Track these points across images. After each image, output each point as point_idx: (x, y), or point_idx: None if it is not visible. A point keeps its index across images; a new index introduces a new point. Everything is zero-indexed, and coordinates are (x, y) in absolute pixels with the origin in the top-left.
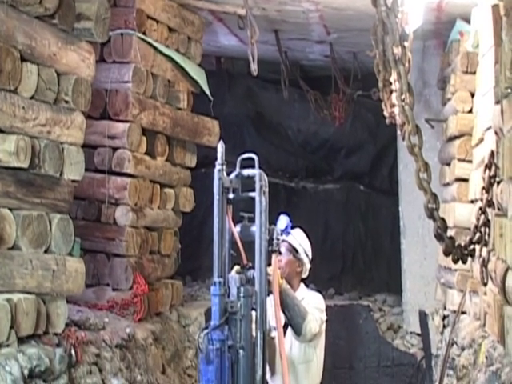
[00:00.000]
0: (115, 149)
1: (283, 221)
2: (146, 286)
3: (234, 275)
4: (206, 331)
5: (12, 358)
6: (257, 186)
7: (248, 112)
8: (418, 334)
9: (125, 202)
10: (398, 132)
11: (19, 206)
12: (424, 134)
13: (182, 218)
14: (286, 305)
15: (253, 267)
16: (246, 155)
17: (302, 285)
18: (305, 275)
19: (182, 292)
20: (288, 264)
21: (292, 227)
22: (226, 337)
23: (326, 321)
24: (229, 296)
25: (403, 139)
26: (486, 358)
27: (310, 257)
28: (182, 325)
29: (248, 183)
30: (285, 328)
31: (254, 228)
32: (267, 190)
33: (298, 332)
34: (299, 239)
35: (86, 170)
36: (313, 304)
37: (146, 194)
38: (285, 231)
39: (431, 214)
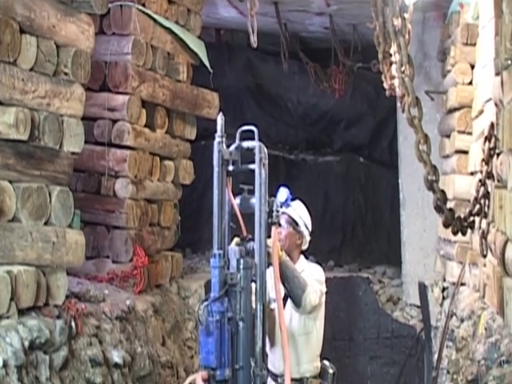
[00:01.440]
0: (115, 121)
1: (283, 193)
2: (145, 258)
3: (233, 247)
4: (205, 303)
5: (12, 329)
6: (256, 158)
7: (248, 84)
8: (417, 306)
9: (124, 174)
10: (398, 104)
11: (19, 178)
12: (424, 106)
13: (182, 190)
14: (285, 277)
15: (252, 239)
16: (245, 127)
17: (302, 257)
18: (304, 247)
19: (182, 264)
20: (288, 236)
21: (292, 199)
22: (225, 308)
23: (326, 292)
24: (228, 268)
25: (403, 111)
26: (486, 329)
27: (310, 229)
28: (182, 297)
29: (248, 155)
30: (284, 300)
31: (254, 200)
32: (267, 162)
33: (297, 304)
34: (299, 211)
35: (86, 142)
36: (312, 276)
37: (145, 166)
38: (285, 203)
39: (431, 185)
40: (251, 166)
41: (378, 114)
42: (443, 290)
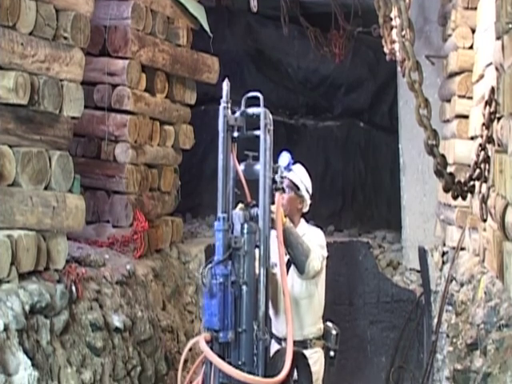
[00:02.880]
0: (115, 86)
1: (285, 158)
2: (146, 222)
3: (237, 212)
4: (209, 265)
5: (13, 293)
6: (262, 124)
7: (248, 49)
8: (417, 271)
9: (124, 139)
10: (398, 68)
11: (19, 142)
12: (424, 71)
13: (182, 155)
14: (289, 243)
15: (256, 205)
16: (251, 94)
17: (303, 220)
18: (305, 210)
19: (182, 229)
20: (289, 201)
21: (293, 163)
22: (229, 272)
23: (327, 257)
24: (232, 232)
25: (403, 76)
26: (485, 293)
27: (311, 192)
28: (182, 261)
29: (253, 122)
30: (288, 266)
31: (258, 166)
32: (272, 128)
33: (300, 270)
34: (300, 176)
35: (86, 107)
36: (314, 240)
37: (145, 131)
38: (286, 168)
39: (431, 150)
40: (256, 132)
41: (378, 79)
42: (443, 254)
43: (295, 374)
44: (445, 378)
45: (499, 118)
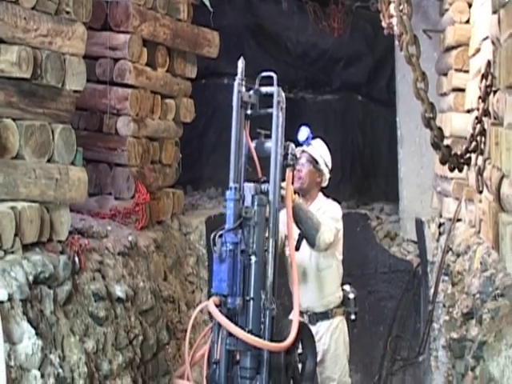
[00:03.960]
0: (116, 60)
1: (304, 132)
2: (147, 194)
3: (248, 184)
4: (220, 232)
5: (17, 264)
6: (275, 101)
7: (248, 24)
8: (414, 242)
9: (126, 112)
10: (396, 43)
11: (22, 116)
12: (421, 45)
13: (183, 128)
14: (299, 219)
15: (267, 181)
16: (264, 73)
17: (321, 194)
18: (324, 184)
19: (183, 201)
20: (308, 174)
21: (312, 138)
22: (239, 240)
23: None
24: (243, 203)
25: (401, 49)
26: (481, 263)
27: (330, 167)
28: (183, 233)
29: (265, 102)
30: (300, 240)
31: (269, 144)
32: (285, 106)
33: (311, 243)
34: (319, 150)
35: (88, 80)
36: (329, 214)
37: (147, 104)
38: (306, 142)
39: (428, 123)
40: (269, 110)
41: (376, 53)
42: (439, 225)
43: (300, 347)
44: (441, 346)
45: (495, 92)
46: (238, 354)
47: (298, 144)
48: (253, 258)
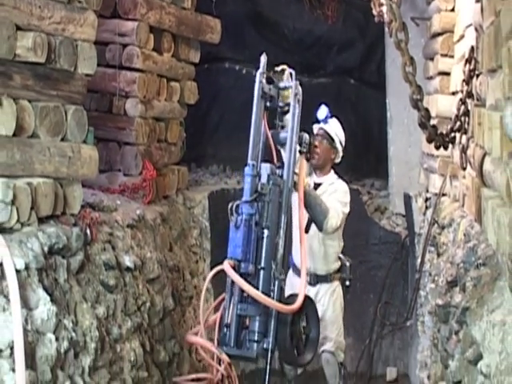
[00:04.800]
0: (125, 45)
1: (323, 110)
2: (154, 171)
3: (265, 164)
4: (237, 203)
5: (33, 236)
6: (292, 93)
7: (247, 12)
8: (402, 215)
9: (134, 94)
10: (386, 29)
11: (37, 97)
12: (410, 31)
13: (187, 109)
14: (308, 204)
15: (282, 167)
16: (281, 67)
17: (332, 171)
18: (337, 161)
19: (187, 177)
20: (324, 151)
21: (330, 117)
22: (254, 212)
23: (349, 213)
24: (259, 180)
25: (390, 36)
26: (464, 235)
27: (344, 145)
28: (188, 207)
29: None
30: (311, 223)
31: (284, 134)
32: (301, 98)
33: (319, 228)
34: (335, 129)
35: (98, 65)
36: (338, 196)
37: (153, 87)
38: (324, 120)
39: (416, 104)
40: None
41: (367, 39)
42: (426, 200)
43: (304, 320)
44: (427, 312)
45: (478, 75)
46: (247, 319)
47: (316, 121)
48: (265, 232)
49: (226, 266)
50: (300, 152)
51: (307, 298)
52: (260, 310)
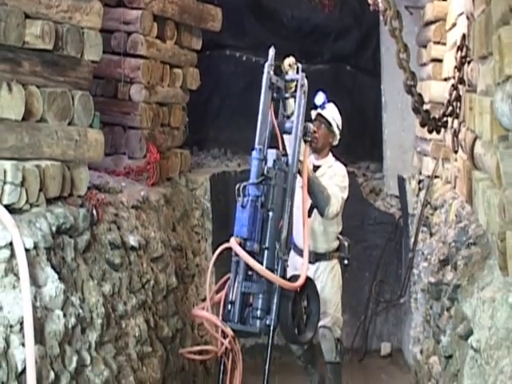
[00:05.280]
0: (129, 33)
1: (320, 97)
2: (157, 154)
3: (272, 150)
4: (244, 184)
5: (41, 216)
6: (299, 84)
7: (247, 0)
8: (396, 196)
9: (138, 80)
10: (381, 18)
11: (45, 83)
12: (404, 20)
13: (189, 94)
14: (312, 191)
15: (287, 155)
16: (288, 59)
17: (331, 154)
18: (335, 143)
19: (190, 160)
20: (323, 136)
21: (327, 102)
22: (260, 194)
23: (347, 199)
24: (266, 164)
25: (385, 24)
26: (456, 216)
27: (341, 128)
28: (190, 189)
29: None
30: (313, 208)
31: (289, 124)
32: (306, 90)
33: (321, 213)
34: (332, 114)
35: (104, 52)
36: (337, 180)
37: (157, 73)
38: (321, 106)
39: (409, 90)
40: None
41: (363, 27)
42: (419, 182)
43: (305, 301)
44: (420, 289)
45: (469, 62)
46: (251, 297)
47: (314, 107)
48: (270, 214)
49: (233, 242)
50: (305, 141)
51: (309, 280)
52: (263, 288)
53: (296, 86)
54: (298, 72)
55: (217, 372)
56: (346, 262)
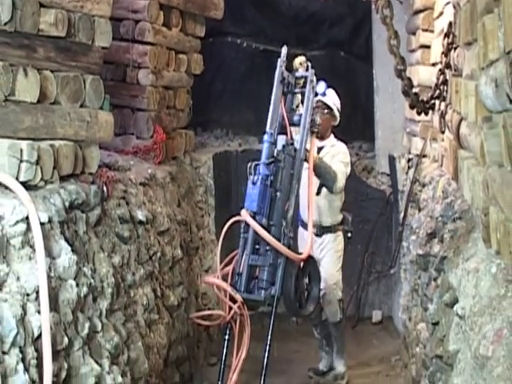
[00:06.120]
0: (137, 21)
1: (322, 85)
2: (164, 135)
3: (281, 136)
4: (255, 163)
5: (55, 192)
6: (308, 79)
7: None
8: (387, 174)
9: (146, 65)
10: (373, 6)
11: (59, 68)
12: (394, 8)
13: (194, 79)
14: (319, 173)
15: (294, 144)
16: (299, 58)
17: (332, 135)
18: (336, 123)
19: (194, 140)
20: (325, 121)
21: (327, 87)
22: (269, 173)
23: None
24: (275, 147)
25: (377, 12)
26: (443, 192)
27: (340, 110)
28: (194, 167)
29: None
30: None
31: (296, 117)
32: (315, 85)
33: (330, 190)
34: (333, 99)
35: (113, 39)
36: (341, 158)
37: (163, 58)
38: (322, 93)
39: (400, 74)
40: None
41: (356, 15)
42: (408, 160)
43: (307, 278)
44: (409, 261)
45: (456, 48)
46: (257, 270)
47: (316, 95)
48: (278, 194)
49: (245, 214)
50: (311, 132)
51: (311, 259)
52: (269, 261)
53: (305, 82)
54: (307, 69)
55: (220, 338)
56: (349, 234)
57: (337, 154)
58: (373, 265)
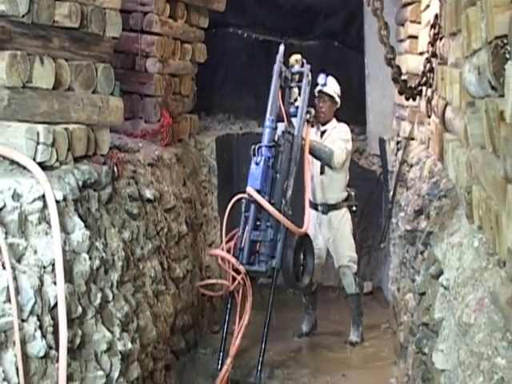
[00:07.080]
0: (145, 13)
1: (322, 77)
2: (170, 119)
3: (281, 123)
4: (258, 145)
5: (69, 172)
6: (305, 74)
7: None
8: (377, 156)
9: (153, 54)
10: None
11: (72, 57)
12: (384, 1)
13: (198, 67)
14: (315, 155)
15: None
16: (295, 55)
17: (334, 118)
18: (337, 107)
19: (198, 124)
20: (327, 109)
21: (327, 75)
22: (271, 155)
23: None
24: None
25: (368, 5)
26: (429, 172)
27: (340, 95)
28: (198, 149)
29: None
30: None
31: (293, 109)
32: (310, 79)
33: (330, 167)
34: (333, 87)
35: (123, 29)
36: (340, 135)
37: (169, 48)
38: (323, 84)
39: (389, 62)
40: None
41: (349, 7)
42: (397, 143)
43: (302, 255)
44: (398, 236)
45: (441, 38)
46: (258, 245)
47: (316, 85)
48: (278, 175)
49: (251, 189)
50: (307, 121)
51: (307, 237)
52: (270, 236)
53: (300, 77)
54: (302, 66)
55: (223, 307)
56: (354, 208)
57: (338, 134)
58: (364, 240)
